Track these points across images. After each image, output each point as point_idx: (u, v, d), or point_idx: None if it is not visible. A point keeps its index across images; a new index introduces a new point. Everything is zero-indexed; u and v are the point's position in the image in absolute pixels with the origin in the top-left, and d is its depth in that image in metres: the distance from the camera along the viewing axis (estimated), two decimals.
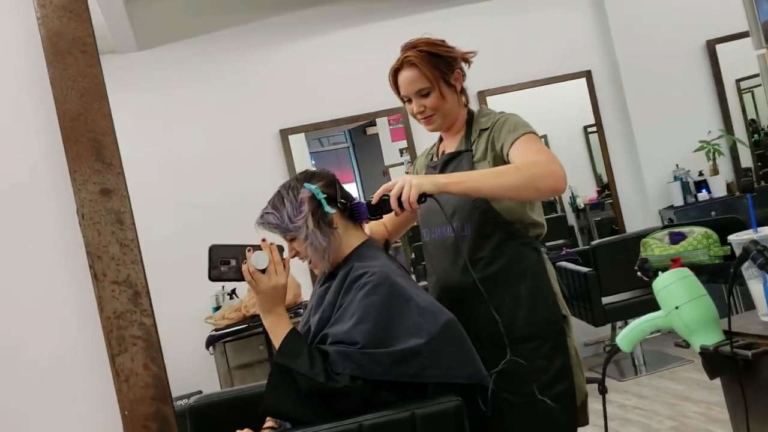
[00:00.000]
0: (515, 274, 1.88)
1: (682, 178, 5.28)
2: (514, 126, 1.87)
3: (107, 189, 0.94)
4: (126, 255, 0.95)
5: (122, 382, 0.93)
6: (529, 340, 1.85)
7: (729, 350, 1.49)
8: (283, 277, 1.73)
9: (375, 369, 1.62)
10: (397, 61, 1.97)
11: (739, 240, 1.61)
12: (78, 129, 0.94)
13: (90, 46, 0.94)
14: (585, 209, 5.72)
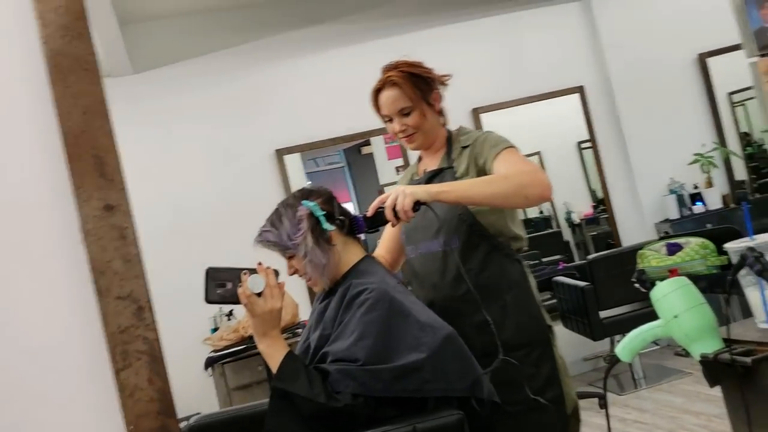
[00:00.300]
0: (501, 284, 1.94)
1: (677, 191, 5.31)
2: (495, 142, 1.95)
3: (110, 205, 0.95)
4: (129, 270, 0.95)
5: (127, 396, 0.93)
6: (517, 348, 1.89)
7: (729, 357, 1.50)
8: (279, 300, 1.73)
9: (376, 386, 1.62)
10: (379, 81, 2.03)
11: (735, 248, 1.62)
12: (81, 146, 0.95)
13: (91, 65, 0.96)
14: (580, 224, 5.75)
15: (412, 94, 1.99)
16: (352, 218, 1.86)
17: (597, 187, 5.60)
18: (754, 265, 1.43)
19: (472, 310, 1.85)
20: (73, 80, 0.94)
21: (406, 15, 5.22)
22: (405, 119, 2.01)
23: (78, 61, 0.94)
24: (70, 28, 0.91)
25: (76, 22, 0.91)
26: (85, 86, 0.95)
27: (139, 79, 4.68)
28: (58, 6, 0.89)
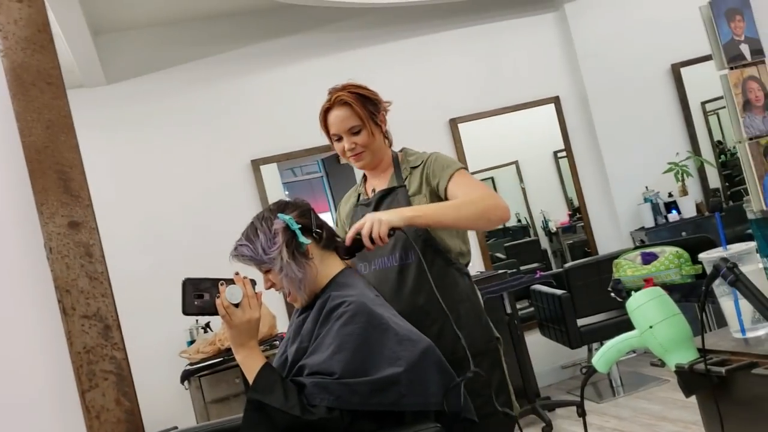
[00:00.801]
0: (455, 297, 2.02)
1: (652, 200, 5.35)
2: (447, 163, 2.06)
3: (75, 222, 0.93)
4: (96, 288, 0.93)
5: (93, 418, 0.91)
6: (472, 357, 1.92)
7: (703, 368, 1.50)
8: (257, 311, 1.71)
9: (353, 399, 1.61)
10: (327, 101, 2.09)
11: (709, 258, 1.63)
12: (44, 161, 0.92)
13: (56, 78, 0.93)
14: (557, 233, 5.77)
15: (362, 113, 2.05)
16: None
17: (573, 195, 5.63)
18: (727, 276, 1.43)
19: (430, 321, 1.93)
20: (36, 94, 0.91)
21: (383, 25, 5.22)
22: (355, 138, 2.07)
23: (41, 75, 0.92)
24: (32, 40, 0.89)
25: (39, 35, 0.89)
26: (49, 100, 0.92)
27: (113, 89, 4.63)
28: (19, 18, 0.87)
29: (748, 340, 1.60)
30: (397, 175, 2.13)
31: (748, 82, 1.23)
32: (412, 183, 2.09)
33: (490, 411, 1.91)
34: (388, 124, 2.18)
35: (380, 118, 2.11)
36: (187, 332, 4.50)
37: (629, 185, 5.43)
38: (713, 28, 1.22)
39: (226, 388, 4.14)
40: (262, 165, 4.87)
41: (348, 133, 2.07)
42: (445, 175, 2.02)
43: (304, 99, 4.99)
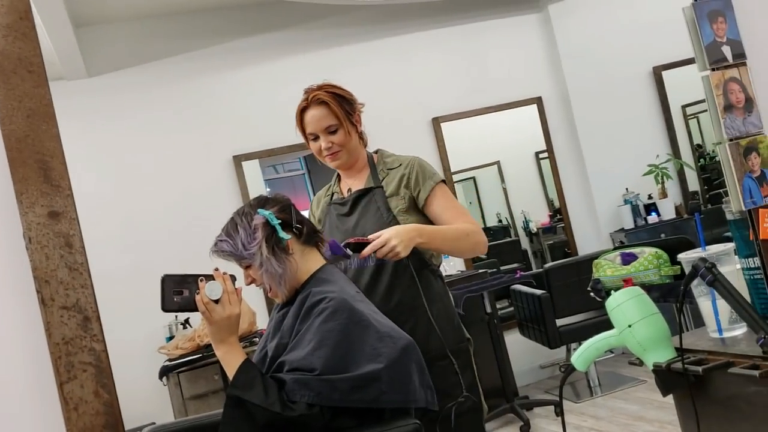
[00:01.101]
0: (428, 297, 2.04)
1: (632, 202, 5.39)
2: (429, 173, 2.11)
3: (55, 212, 0.92)
4: (75, 279, 0.92)
5: (71, 410, 0.90)
6: (443, 358, 2.01)
7: (681, 367, 1.52)
8: (237, 306, 1.71)
9: (333, 395, 1.60)
10: (304, 100, 2.11)
11: (688, 258, 1.64)
12: (25, 150, 0.91)
13: (37, 66, 0.92)
14: (538, 233, 5.80)
15: (339, 112, 2.07)
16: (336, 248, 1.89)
17: (554, 196, 5.66)
18: (705, 276, 1.45)
19: (402, 321, 1.92)
20: (17, 82, 0.90)
21: (367, 23, 5.22)
22: (331, 137, 2.08)
23: (22, 62, 0.91)
24: (13, 27, 0.88)
25: (20, 22, 0.88)
26: (30, 88, 0.91)
27: (95, 82, 4.59)
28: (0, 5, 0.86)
29: (725, 339, 1.61)
30: (373, 175, 2.15)
31: (730, 84, 1.24)
32: (389, 184, 2.11)
33: (461, 411, 1.96)
34: (366, 123, 2.19)
35: (356, 118, 2.13)
36: (166, 328, 4.47)
37: (610, 187, 5.47)
38: (696, 29, 1.23)
39: (205, 384, 4.13)
40: (243, 161, 4.85)
41: (325, 132, 2.09)
42: (427, 187, 2.08)
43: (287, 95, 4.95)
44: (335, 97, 2.08)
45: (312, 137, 2.12)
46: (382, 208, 2.08)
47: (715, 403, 1.57)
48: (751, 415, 1.47)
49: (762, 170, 1.25)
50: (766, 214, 1.22)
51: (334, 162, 2.14)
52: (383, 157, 2.20)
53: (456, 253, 2.13)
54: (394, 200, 2.09)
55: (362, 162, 2.19)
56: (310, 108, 2.09)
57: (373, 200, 2.11)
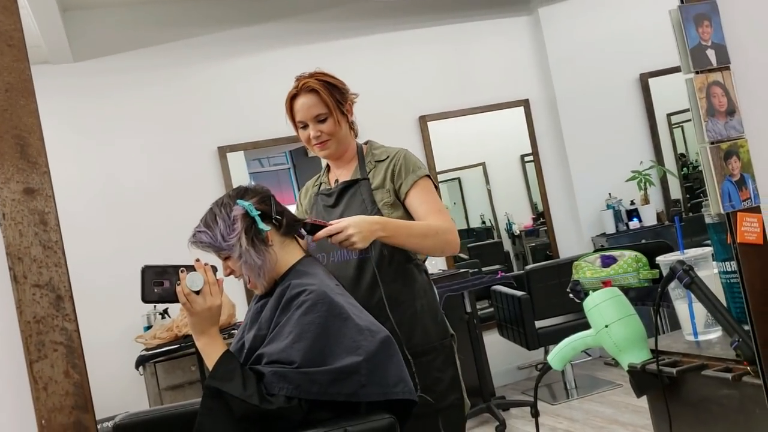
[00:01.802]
0: (412, 292, 2.02)
1: (615, 207, 5.43)
2: (414, 167, 2.06)
3: (31, 188, 0.91)
4: (49, 257, 0.91)
5: (40, 389, 0.89)
6: (426, 353, 1.99)
7: (655, 368, 1.53)
8: (218, 297, 1.70)
9: (312, 389, 1.60)
10: (295, 87, 2.07)
11: (666, 261, 1.66)
12: (2, 125, 0.90)
13: (17, 40, 0.91)
14: (520, 236, 5.82)
15: (329, 101, 2.03)
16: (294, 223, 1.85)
17: (538, 200, 5.68)
18: (683, 278, 1.46)
19: (384, 317, 1.89)
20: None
21: (357, 18, 5.21)
22: (320, 125, 2.05)
23: (2, 36, 0.89)
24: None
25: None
26: (9, 62, 0.90)
27: (80, 67, 4.55)
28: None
29: (699, 342, 1.63)
30: (361, 167, 2.11)
31: (713, 87, 1.25)
32: (375, 176, 2.08)
33: (441, 407, 1.94)
34: (356, 116, 2.16)
35: (347, 108, 2.09)
36: (144, 318, 4.44)
37: (593, 191, 5.50)
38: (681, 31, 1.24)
39: (182, 375, 4.10)
40: (228, 152, 4.83)
41: (314, 121, 2.05)
42: (409, 180, 2.03)
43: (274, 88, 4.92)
44: (326, 86, 2.05)
45: (301, 125, 2.08)
46: (367, 201, 2.05)
47: (688, 405, 1.58)
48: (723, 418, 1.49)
49: (741, 174, 1.26)
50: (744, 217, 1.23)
51: (323, 151, 2.10)
52: (372, 148, 2.17)
53: (423, 251, 2.05)
54: (379, 193, 2.05)
55: (351, 152, 2.15)
56: (300, 95, 2.05)
57: (359, 192, 2.08)
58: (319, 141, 2.07)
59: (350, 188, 2.10)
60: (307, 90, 2.04)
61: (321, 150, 2.10)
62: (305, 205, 2.24)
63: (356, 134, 2.18)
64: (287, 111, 2.10)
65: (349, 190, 2.10)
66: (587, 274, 2.38)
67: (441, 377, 2.00)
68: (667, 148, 5.70)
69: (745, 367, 1.36)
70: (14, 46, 0.90)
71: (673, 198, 5.69)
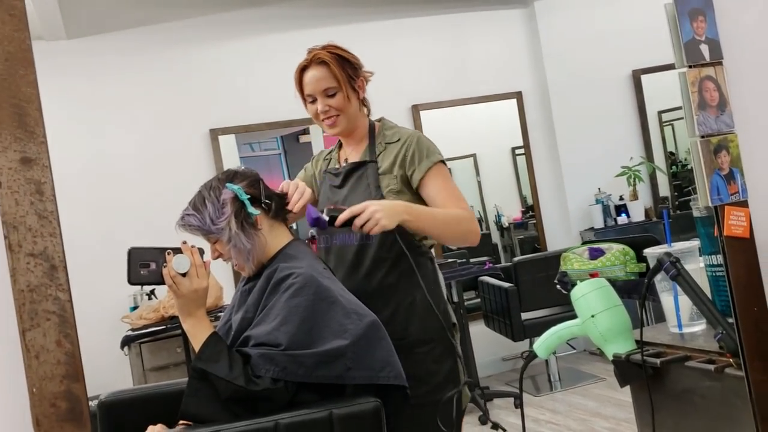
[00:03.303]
0: (412, 281, 1.92)
1: (604, 202, 5.46)
2: (427, 152, 1.96)
3: (28, 158, 0.91)
4: (44, 227, 0.91)
5: (32, 358, 0.89)
6: (422, 344, 1.93)
7: (640, 358, 1.55)
8: (205, 280, 1.71)
9: (298, 371, 1.61)
10: (305, 59, 1.99)
11: (653, 253, 1.68)
12: (0, 94, 0.90)
13: (18, 10, 0.91)
14: (509, 228, 5.84)
15: (339, 74, 1.95)
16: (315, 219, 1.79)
17: (527, 193, 5.71)
18: (669, 270, 1.48)
19: (381, 305, 1.88)
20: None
21: (352, 5, 5.20)
22: (329, 100, 1.97)
23: (3, 5, 0.89)
24: None
25: None
26: (10, 32, 0.90)
27: (73, 44, 4.52)
28: None
29: (684, 335, 1.65)
30: (370, 148, 2.03)
31: (705, 82, 1.27)
32: (384, 160, 2.00)
33: (434, 400, 1.86)
34: None
35: (358, 84, 2.02)
36: (130, 298, 4.44)
37: (582, 186, 5.53)
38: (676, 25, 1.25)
39: (167, 356, 4.11)
40: (220, 135, 4.82)
41: (323, 95, 1.96)
42: (423, 168, 1.94)
43: (268, 72, 4.98)
44: (337, 59, 1.97)
45: (310, 99, 2.00)
46: (372, 186, 1.97)
47: (670, 396, 1.60)
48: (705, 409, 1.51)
49: (731, 168, 1.28)
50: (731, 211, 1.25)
51: (332, 129, 2.02)
52: (384, 128, 2.07)
53: (445, 239, 1.98)
54: (386, 178, 1.97)
55: (363, 131, 2.06)
56: (310, 67, 1.97)
57: (365, 175, 1.99)
58: (327, 116, 1.99)
59: (357, 170, 2.02)
60: (317, 62, 1.96)
61: (330, 127, 2.02)
62: (315, 174, 2.17)
63: (369, 112, 2.10)
64: (296, 83, 2.02)
65: (355, 172, 2.02)
66: (575, 266, 2.40)
67: (437, 369, 1.93)
68: (657, 145, 5.74)
69: (728, 359, 1.38)
70: (15, 16, 0.90)
71: (662, 195, 5.74)
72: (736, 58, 1.30)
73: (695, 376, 1.50)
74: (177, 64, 4.77)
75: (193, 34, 4.81)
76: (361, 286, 1.92)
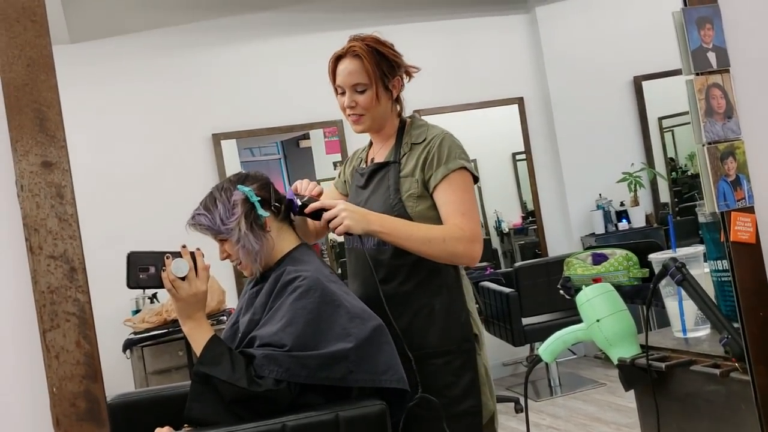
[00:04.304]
0: (431, 289, 1.87)
1: (605, 207, 5.48)
2: (447, 156, 1.85)
3: (49, 162, 0.93)
4: (64, 230, 0.93)
5: (53, 358, 0.91)
6: (440, 356, 1.85)
7: (644, 362, 1.56)
8: (204, 283, 1.71)
9: (301, 372, 1.63)
10: (342, 48, 1.91)
11: (658, 258, 1.69)
12: (22, 99, 0.92)
13: (40, 17, 0.93)
14: (509, 233, 5.85)
15: (372, 71, 1.86)
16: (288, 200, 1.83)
17: (528, 198, 5.72)
18: (675, 275, 1.49)
19: (399, 312, 1.82)
20: (19, 30, 0.91)
21: (353, 10, 5.21)
22: (357, 96, 1.88)
23: (25, 11, 0.91)
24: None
25: None
26: (32, 38, 0.92)
27: (77, 48, 4.53)
28: None
29: (688, 339, 1.66)
30: (396, 148, 1.94)
31: (712, 89, 1.28)
32: (408, 162, 1.90)
33: (450, 413, 1.80)
34: None
35: (393, 83, 1.93)
36: (133, 301, 4.44)
37: (583, 191, 5.54)
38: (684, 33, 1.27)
39: (169, 359, 4.11)
40: (222, 140, 4.84)
41: (352, 89, 1.88)
42: (439, 174, 1.83)
43: (270, 78, 5.00)
44: (374, 53, 1.88)
45: (339, 90, 1.91)
46: (392, 188, 1.88)
47: (675, 399, 1.62)
48: (710, 413, 1.53)
49: (737, 175, 1.29)
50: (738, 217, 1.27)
51: (356, 126, 1.93)
52: (412, 127, 1.97)
53: (429, 257, 1.80)
54: (407, 182, 1.87)
55: (391, 129, 1.97)
56: (345, 57, 1.89)
57: (387, 177, 1.91)
58: (353, 113, 1.91)
59: (380, 171, 1.95)
60: (352, 54, 1.88)
61: (355, 124, 1.94)
62: (347, 175, 2.12)
63: (401, 111, 2.01)
64: (330, 72, 1.93)
65: (378, 173, 1.95)
66: (578, 271, 2.42)
67: (455, 381, 1.85)
68: (658, 151, 5.76)
69: (733, 363, 1.40)
70: (37, 22, 0.92)
71: (662, 201, 5.75)
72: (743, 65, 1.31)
73: (700, 380, 1.52)
74: (179, 68, 4.79)
75: (194, 39, 4.83)
76: (377, 294, 1.83)
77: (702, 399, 1.54)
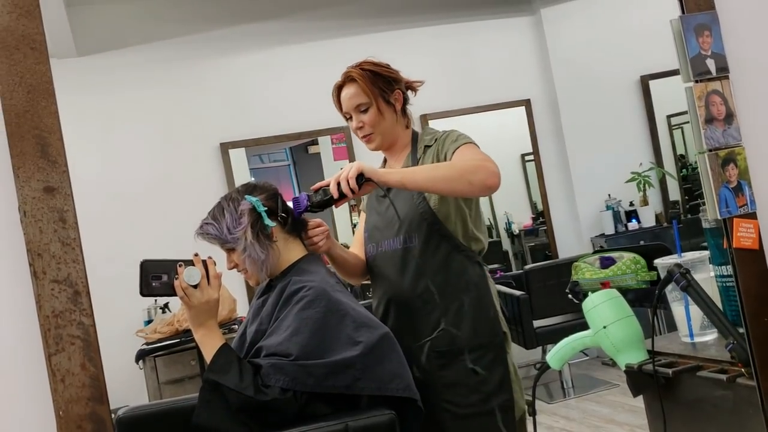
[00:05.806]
0: (460, 285, 1.92)
1: (614, 208, 5.46)
2: (456, 137, 1.95)
3: (51, 187, 0.94)
4: (67, 254, 0.94)
5: (58, 381, 0.92)
6: (471, 351, 1.90)
7: (652, 368, 1.56)
8: (216, 291, 1.72)
9: (308, 381, 1.63)
10: (341, 77, 2.03)
11: (664, 264, 1.69)
12: (23, 125, 0.93)
13: (40, 44, 0.94)
14: (520, 235, 5.84)
15: (369, 90, 1.97)
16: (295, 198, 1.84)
17: (538, 199, 5.71)
18: (680, 281, 1.49)
19: (429, 309, 1.88)
20: (19, 58, 0.92)
21: (360, 16, 5.23)
22: (362, 116, 1.99)
23: (25, 39, 0.92)
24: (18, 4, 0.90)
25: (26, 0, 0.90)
26: (32, 65, 0.93)
27: (84, 61, 4.57)
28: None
29: (695, 344, 1.66)
30: (412, 154, 2.04)
31: (712, 96, 1.28)
32: (425, 162, 1.99)
33: (484, 410, 1.85)
34: None
35: (394, 97, 2.02)
36: (144, 312, 4.47)
37: (593, 192, 5.53)
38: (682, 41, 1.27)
39: (182, 369, 4.13)
40: (231, 149, 4.86)
41: (356, 111, 2.00)
42: (452, 148, 1.92)
43: (277, 86, 5.02)
44: (367, 74, 1.99)
45: (347, 116, 2.03)
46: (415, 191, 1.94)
47: (682, 405, 1.61)
48: (717, 418, 1.52)
49: (739, 181, 1.29)
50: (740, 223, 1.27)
51: (369, 145, 2.04)
52: (423, 134, 2.08)
53: (441, 185, 1.78)
54: None
55: (403, 142, 2.07)
56: (345, 86, 2.01)
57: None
58: (363, 133, 2.01)
59: None
60: (349, 80, 2.00)
61: (367, 143, 2.04)
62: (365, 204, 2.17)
63: (410, 124, 2.10)
64: (335, 102, 2.06)
65: None
66: (586, 275, 2.41)
67: (488, 377, 1.89)
68: (667, 149, 5.73)
69: (739, 368, 1.39)
70: (36, 49, 0.93)
71: (672, 200, 5.73)
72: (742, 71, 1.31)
73: (707, 385, 1.51)
74: (186, 79, 4.81)
75: (201, 50, 4.85)
76: (408, 291, 1.91)
77: (709, 404, 1.54)
